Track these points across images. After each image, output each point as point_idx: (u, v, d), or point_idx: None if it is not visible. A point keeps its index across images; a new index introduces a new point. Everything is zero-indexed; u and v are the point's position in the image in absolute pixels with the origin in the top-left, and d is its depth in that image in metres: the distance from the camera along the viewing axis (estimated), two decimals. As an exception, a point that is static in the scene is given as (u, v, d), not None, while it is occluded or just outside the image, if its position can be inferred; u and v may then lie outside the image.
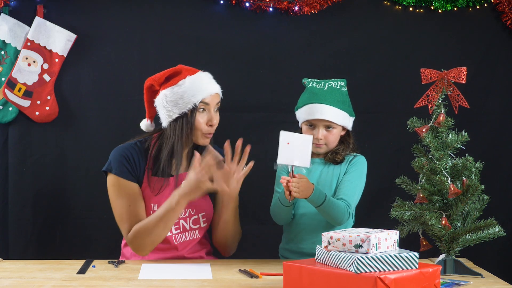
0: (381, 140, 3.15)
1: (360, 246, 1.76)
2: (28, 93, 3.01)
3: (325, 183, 2.41)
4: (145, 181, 2.40)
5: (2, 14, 2.99)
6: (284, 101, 3.01)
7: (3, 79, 3.01)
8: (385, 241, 1.79)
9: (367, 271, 1.71)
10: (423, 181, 2.19)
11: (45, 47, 3.01)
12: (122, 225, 2.40)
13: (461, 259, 2.25)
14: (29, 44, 3.00)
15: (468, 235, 2.15)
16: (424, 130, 2.19)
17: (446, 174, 2.13)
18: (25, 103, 3.02)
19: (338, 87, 2.43)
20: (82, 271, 2.16)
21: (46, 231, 3.08)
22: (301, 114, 2.45)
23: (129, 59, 3.08)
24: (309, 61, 3.12)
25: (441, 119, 2.18)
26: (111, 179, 2.40)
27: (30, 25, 3.00)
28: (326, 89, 2.42)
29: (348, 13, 3.12)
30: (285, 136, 2.22)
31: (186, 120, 2.37)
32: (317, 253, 1.87)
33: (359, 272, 1.70)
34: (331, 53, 3.14)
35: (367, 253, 1.74)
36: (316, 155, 2.45)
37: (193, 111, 2.36)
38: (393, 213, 2.18)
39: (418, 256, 1.79)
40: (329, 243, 1.82)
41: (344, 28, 3.14)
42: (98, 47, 3.07)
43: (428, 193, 2.17)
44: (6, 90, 2.99)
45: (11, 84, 3.00)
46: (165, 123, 2.40)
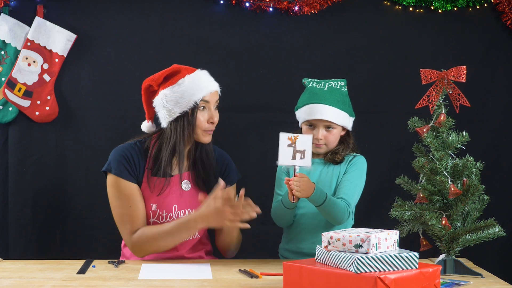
0: (381, 140, 3.15)
1: (360, 246, 1.76)
2: (28, 93, 3.01)
3: (325, 183, 2.41)
4: (145, 181, 2.40)
5: (2, 14, 2.99)
6: (284, 101, 3.01)
7: (3, 79, 3.01)
8: (385, 241, 1.79)
9: (367, 271, 1.71)
10: (424, 181, 2.19)
11: (45, 47, 3.01)
12: (122, 226, 2.39)
13: (461, 259, 2.25)
14: (29, 44, 3.00)
15: (468, 235, 2.15)
16: (424, 130, 2.19)
17: (446, 174, 2.13)
18: (25, 103, 3.02)
19: (338, 87, 2.43)
20: (82, 271, 2.16)
21: (46, 231, 3.08)
22: (301, 114, 2.45)
23: (129, 59, 3.08)
24: (309, 61, 3.12)
25: (442, 119, 2.17)
26: (110, 179, 2.40)
27: (30, 25, 3.00)
28: (326, 89, 2.42)
29: (348, 13, 3.12)
30: (284, 137, 2.23)
31: (187, 118, 2.36)
32: (317, 253, 1.86)
33: (359, 272, 1.70)
34: (331, 53, 3.13)
35: (367, 253, 1.74)
36: (316, 155, 2.45)
37: (194, 109, 2.36)
38: (393, 213, 2.18)
39: (418, 256, 1.79)
40: (329, 243, 1.82)
41: (344, 28, 3.14)
42: (98, 47, 3.07)
43: (428, 193, 2.17)
44: (6, 90, 2.99)
45: (11, 84, 3.00)
46: (164, 123, 2.39)
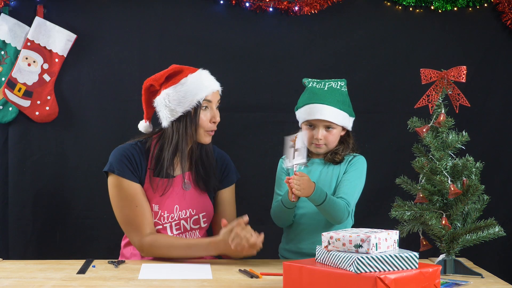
0: (381, 140, 3.15)
1: (360, 246, 1.76)
2: (28, 93, 3.01)
3: (325, 183, 2.40)
4: (147, 181, 2.39)
5: (2, 14, 2.99)
6: (284, 101, 3.01)
7: (3, 79, 3.01)
8: (385, 241, 1.79)
9: (367, 271, 1.71)
10: (423, 181, 2.19)
11: (45, 47, 3.01)
12: (129, 227, 2.36)
13: (461, 259, 2.24)
14: (29, 44, 3.00)
15: (468, 235, 2.15)
16: (424, 130, 2.19)
17: (446, 174, 2.13)
18: (25, 103, 3.02)
19: (338, 87, 2.43)
20: (82, 271, 2.16)
21: (46, 231, 3.08)
22: (301, 114, 2.45)
23: (129, 59, 3.08)
24: (309, 61, 3.12)
25: (442, 119, 2.17)
26: (112, 180, 2.38)
27: (30, 25, 3.00)
28: (326, 89, 2.42)
29: (348, 13, 3.12)
30: (287, 140, 2.29)
31: (190, 118, 2.35)
32: (317, 253, 1.86)
33: (359, 272, 1.70)
34: (331, 53, 3.14)
35: (367, 253, 1.74)
36: (316, 155, 2.45)
37: (197, 109, 2.36)
38: (393, 213, 2.18)
39: (418, 256, 1.79)
40: (329, 243, 1.82)
41: (344, 28, 3.14)
42: (98, 47, 3.07)
43: (428, 193, 2.17)
44: (6, 90, 2.99)
45: (11, 84, 3.00)
46: (165, 123, 2.38)
